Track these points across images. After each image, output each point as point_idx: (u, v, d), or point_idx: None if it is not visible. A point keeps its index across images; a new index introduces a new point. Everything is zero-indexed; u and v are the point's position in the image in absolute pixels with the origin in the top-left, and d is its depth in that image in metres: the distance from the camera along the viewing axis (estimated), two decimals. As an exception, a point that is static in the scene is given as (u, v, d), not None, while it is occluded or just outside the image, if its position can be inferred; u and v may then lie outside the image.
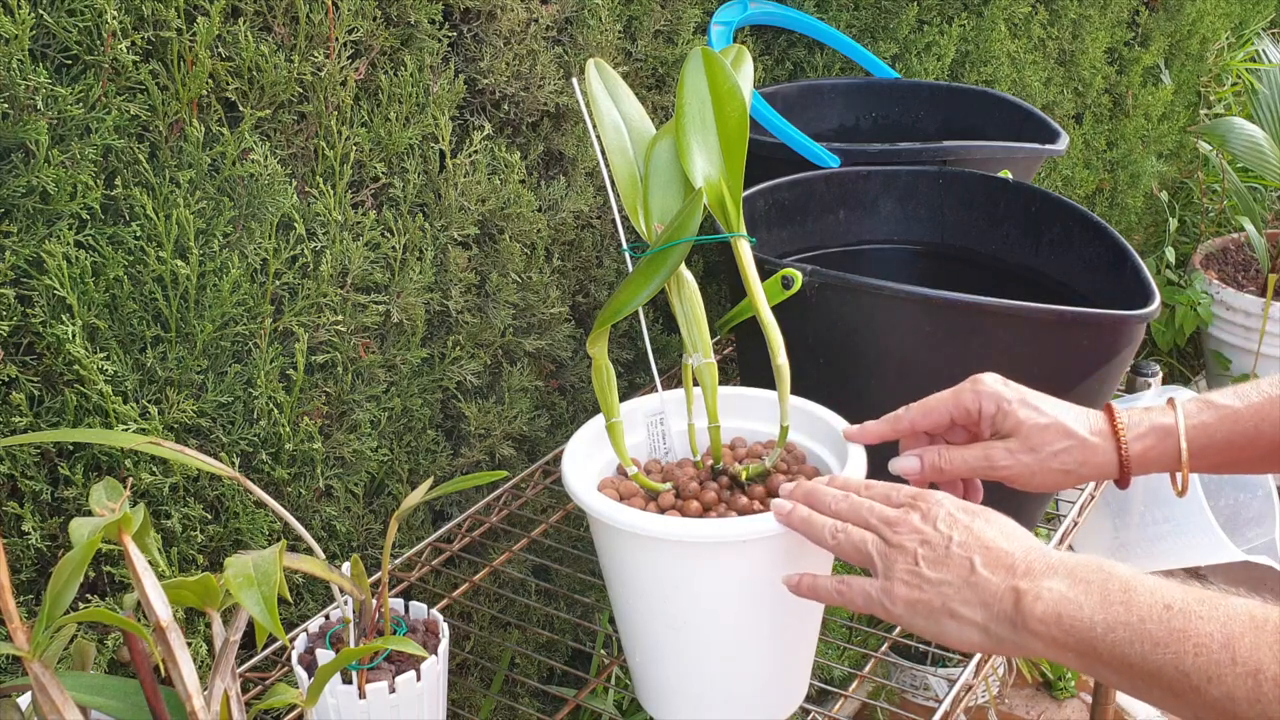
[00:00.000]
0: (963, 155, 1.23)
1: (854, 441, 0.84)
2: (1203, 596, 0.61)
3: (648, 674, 0.84)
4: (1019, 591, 0.64)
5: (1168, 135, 2.72)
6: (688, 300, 0.83)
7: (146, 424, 0.88)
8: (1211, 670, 0.58)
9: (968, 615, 0.66)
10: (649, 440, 0.91)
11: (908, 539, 0.69)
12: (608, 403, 0.83)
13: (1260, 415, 0.78)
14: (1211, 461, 0.79)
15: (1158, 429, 0.80)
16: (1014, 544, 0.67)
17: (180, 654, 0.60)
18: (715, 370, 0.84)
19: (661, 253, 0.79)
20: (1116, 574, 0.63)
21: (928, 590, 0.67)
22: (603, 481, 0.86)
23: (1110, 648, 0.61)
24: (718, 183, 0.82)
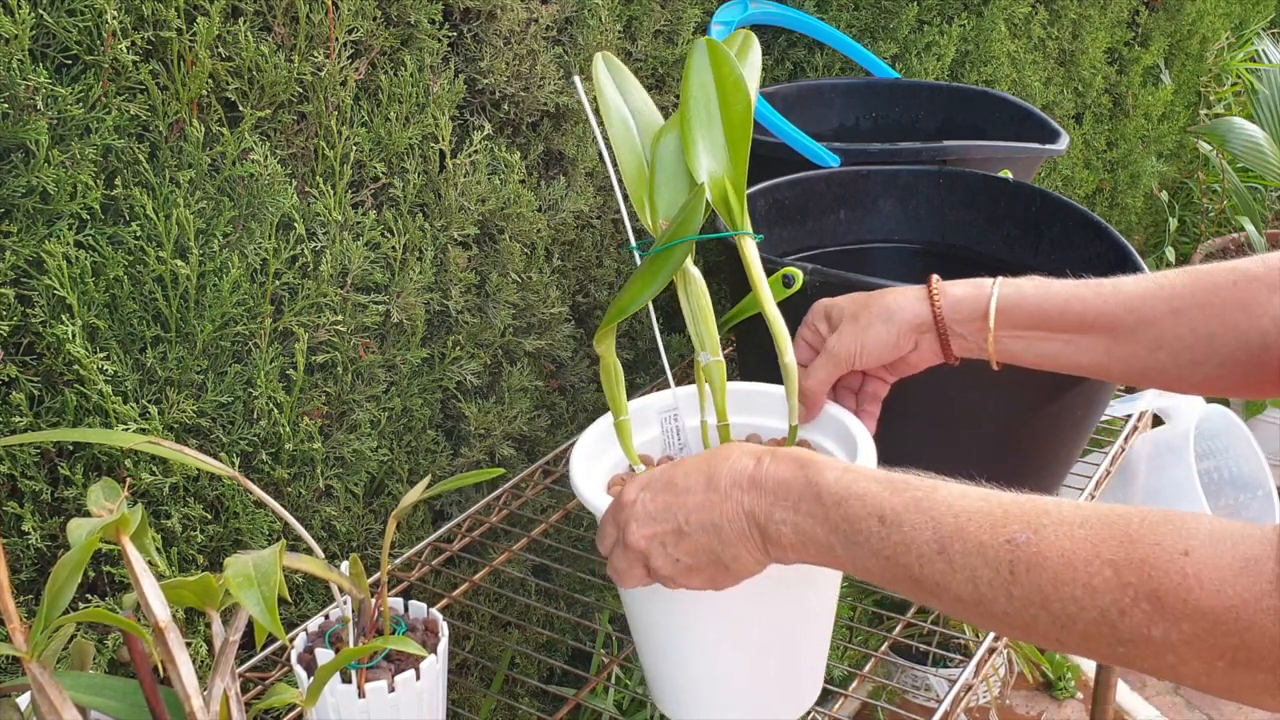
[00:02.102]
0: (963, 155, 1.23)
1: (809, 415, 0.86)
2: (911, 499, 0.63)
3: (660, 674, 0.84)
4: (761, 527, 0.68)
5: (1168, 135, 2.72)
6: (695, 297, 0.83)
7: (146, 424, 0.88)
8: (938, 578, 0.61)
9: (745, 559, 0.70)
10: (663, 436, 0.90)
11: (650, 548, 0.72)
12: (616, 400, 0.83)
13: (1071, 293, 0.80)
14: (1021, 323, 0.81)
15: (974, 283, 0.83)
16: (723, 484, 0.70)
17: (179, 654, 0.60)
18: (724, 367, 0.83)
19: (665, 250, 0.79)
20: (825, 489, 0.66)
21: (705, 569, 0.71)
22: (612, 479, 0.86)
23: (852, 563, 0.65)
24: (721, 179, 0.81)
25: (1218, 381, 0.77)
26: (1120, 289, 0.79)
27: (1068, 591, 0.56)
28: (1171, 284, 0.77)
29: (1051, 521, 0.58)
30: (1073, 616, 0.57)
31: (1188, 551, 0.54)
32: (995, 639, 0.94)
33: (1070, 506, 0.59)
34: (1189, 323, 0.76)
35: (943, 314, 0.82)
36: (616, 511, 0.74)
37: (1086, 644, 0.57)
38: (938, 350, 0.84)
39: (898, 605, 1.10)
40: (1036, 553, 0.58)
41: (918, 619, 1.07)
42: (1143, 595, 0.54)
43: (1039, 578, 0.57)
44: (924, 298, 0.84)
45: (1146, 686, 2.12)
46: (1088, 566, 0.56)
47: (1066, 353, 0.81)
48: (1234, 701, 0.57)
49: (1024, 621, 0.59)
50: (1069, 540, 0.57)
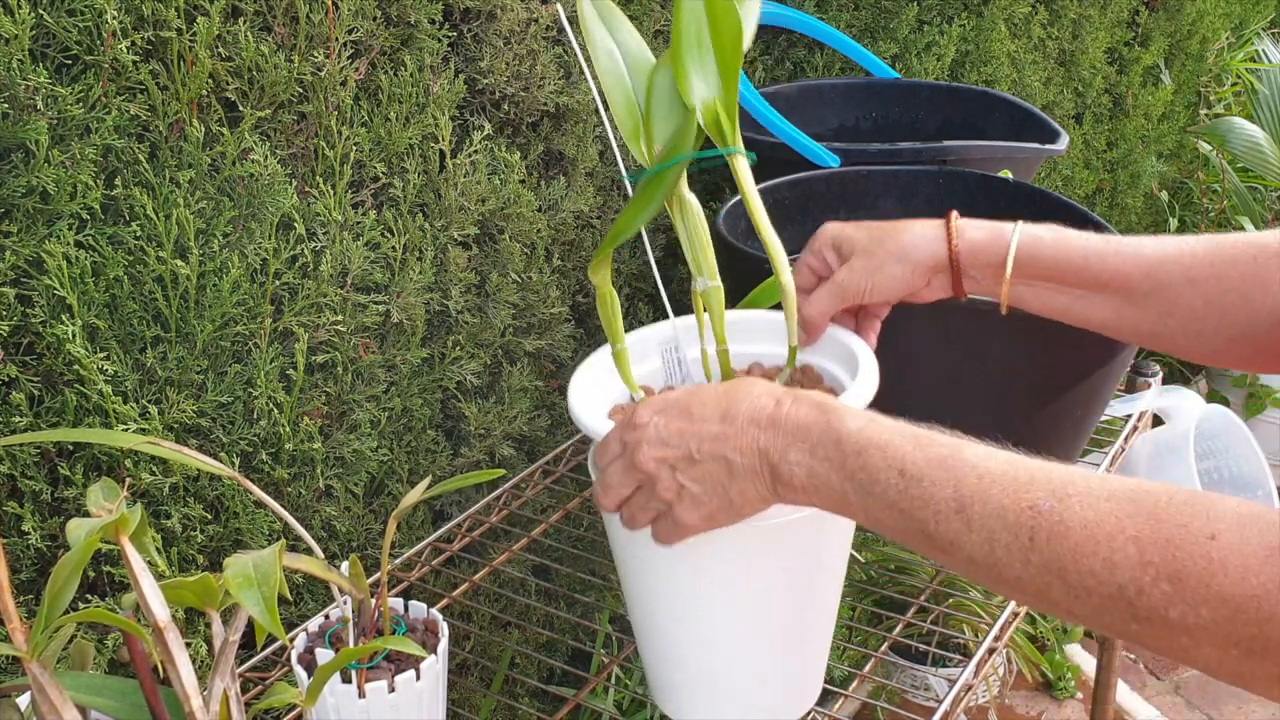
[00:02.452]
0: (963, 155, 1.23)
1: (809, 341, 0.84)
2: (935, 456, 0.62)
3: (660, 673, 0.84)
4: (774, 466, 0.67)
5: (1168, 135, 2.72)
6: (691, 223, 0.81)
7: (146, 424, 0.88)
8: (952, 537, 0.60)
9: (751, 496, 0.69)
10: (664, 368, 0.89)
11: (659, 471, 0.71)
12: (613, 329, 0.82)
13: (1090, 249, 0.79)
14: (1037, 273, 0.80)
15: (993, 226, 0.82)
16: (740, 418, 0.68)
17: (179, 654, 0.60)
18: (721, 293, 0.82)
19: (659, 174, 0.78)
20: (846, 436, 0.65)
21: (709, 499, 0.70)
22: (612, 409, 0.84)
23: (865, 512, 0.64)
24: (713, 103, 0.80)
25: (1224, 354, 0.76)
26: (1140, 251, 0.78)
27: (1087, 564, 0.55)
28: (1191, 251, 0.76)
29: (1077, 491, 0.57)
30: (1089, 589, 0.56)
31: (1214, 535, 0.53)
32: (995, 639, 0.94)
33: (1098, 479, 0.58)
34: (1204, 294, 0.75)
35: (960, 258, 0.81)
36: (627, 430, 0.72)
37: (1099, 617, 0.56)
38: (949, 288, 0.83)
39: (897, 606, 1.10)
40: (1059, 521, 0.56)
41: (917, 619, 1.07)
42: (1164, 576, 0.53)
43: (1059, 547, 0.56)
44: (941, 238, 0.82)
45: (1146, 687, 2.12)
46: (1110, 541, 0.55)
47: (1077, 307, 0.80)
48: (1240, 688, 0.55)
49: (1037, 589, 0.58)
50: (1093, 512, 0.56)
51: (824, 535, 0.79)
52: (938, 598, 1.22)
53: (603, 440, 0.75)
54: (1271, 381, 2.59)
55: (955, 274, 0.82)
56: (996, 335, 0.93)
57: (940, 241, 0.82)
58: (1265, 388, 2.59)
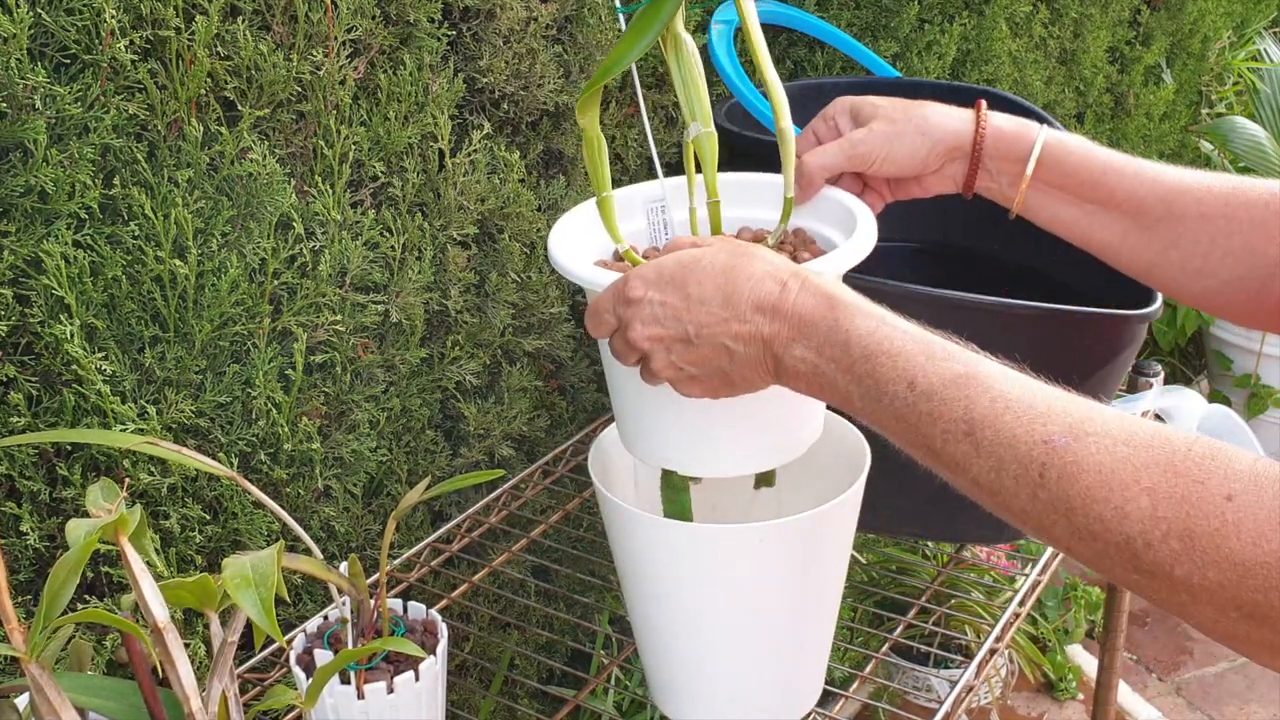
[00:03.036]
0: (964, 154, 1.22)
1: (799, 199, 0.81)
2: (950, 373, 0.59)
3: (660, 674, 0.84)
4: (777, 359, 0.65)
5: (1169, 134, 2.71)
6: (685, 62, 0.77)
7: (145, 424, 0.88)
8: (959, 459, 0.58)
9: (755, 380, 0.68)
10: (649, 229, 0.84)
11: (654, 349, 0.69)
12: (599, 175, 0.77)
13: (1111, 166, 0.78)
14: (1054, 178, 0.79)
15: (1022, 122, 0.81)
16: (743, 302, 0.66)
17: (178, 655, 0.59)
18: (715, 140, 0.77)
19: (654, 4, 0.73)
20: (855, 338, 0.62)
21: (709, 379, 0.68)
22: (595, 264, 0.79)
23: (868, 414, 0.63)
24: None
25: (1216, 298, 0.75)
26: (1160, 176, 0.77)
27: (1096, 510, 0.54)
28: (1209, 187, 0.75)
29: (1094, 430, 0.55)
30: (1095, 534, 0.54)
31: (1231, 496, 0.51)
32: (997, 640, 0.94)
33: (1115, 417, 0.56)
34: (1210, 231, 0.74)
35: (984, 143, 0.79)
36: (618, 303, 0.69)
37: (1101, 561, 0.55)
38: (960, 180, 0.81)
39: (898, 606, 1.10)
40: (1073, 461, 0.54)
41: (919, 620, 1.06)
42: (1175, 533, 0.52)
43: (1069, 488, 0.54)
44: (969, 120, 0.80)
45: (1148, 688, 2.12)
46: (1124, 490, 0.53)
47: (1084, 223, 0.79)
48: (1231, 649, 0.54)
49: (1041, 524, 0.56)
50: (1109, 456, 0.54)
51: (824, 536, 0.79)
52: (939, 599, 1.22)
53: (594, 310, 0.71)
54: (1273, 382, 2.59)
55: (974, 161, 0.80)
56: (997, 335, 0.93)
57: (967, 123, 0.80)
58: (1267, 388, 2.59)
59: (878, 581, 1.49)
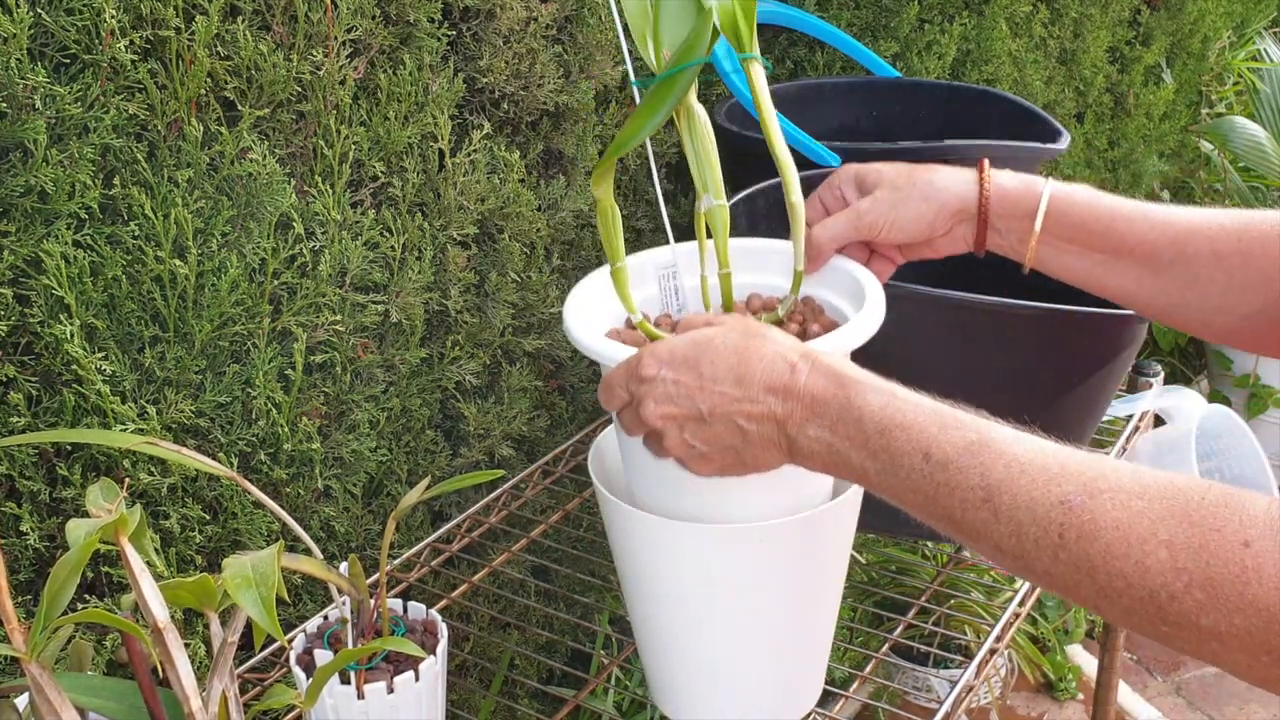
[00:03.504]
0: (964, 154, 1.22)
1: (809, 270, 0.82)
2: (962, 441, 0.60)
3: (660, 674, 0.84)
4: (791, 440, 0.66)
5: (1169, 134, 2.71)
6: (698, 135, 0.78)
7: (145, 424, 0.88)
8: (979, 526, 0.59)
9: (765, 458, 0.68)
10: (660, 295, 0.86)
11: (666, 428, 0.69)
12: (613, 247, 0.78)
13: (1118, 213, 0.78)
14: (1063, 231, 0.78)
15: (1025, 178, 0.80)
16: (755, 383, 0.66)
17: (178, 655, 0.59)
18: (727, 212, 0.79)
19: (670, 79, 0.74)
20: (868, 414, 0.63)
21: (720, 458, 0.69)
22: (608, 333, 0.81)
23: (885, 490, 0.63)
24: (730, 4, 0.77)
25: (1237, 332, 0.75)
26: (1169, 219, 0.77)
27: (1118, 566, 0.54)
28: (1220, 225, 0.75)
29: (1109, 487, 0.55)
30: (1119, 591, 0.54)
31: (1248, 542, 0.51)
32: (997, 640, 0.94)
33: (1129, 472, 0.56)
34: (1227, 268, 0.74)
35: (989, 202, 0.79)
36: (632, 380, 0.70)
37: (1128, 617, 0.55)
38: (970, 240, 0.81)
39: (898, 606, 1.10)
40: (1090, 519, 0.55)
41: (919, 620, 1.06)
42: (1197, 583, 0.52)
43: (1089, 547, 0.55)
44: (973, 181, 0.80)
45: (1148, 688, 2.12)
46: (1143, 544, 0.53)
47: (1097, 273, 0.78)
48: (1270, 692, 0.54)
49: (1066, 584, 0.56)
50: (1125, 511, 0.54)
51: (824, 536, 0.79)
52: (939, 599, 1.22)
53: (607, 384, 0.72)
54: (1273, 382, 2.59)
55: (981, 222, 0.80)
56: (997, 335, 0.93)
57: (971, 185, 0.80)
58: (1267, 388, 2.59)
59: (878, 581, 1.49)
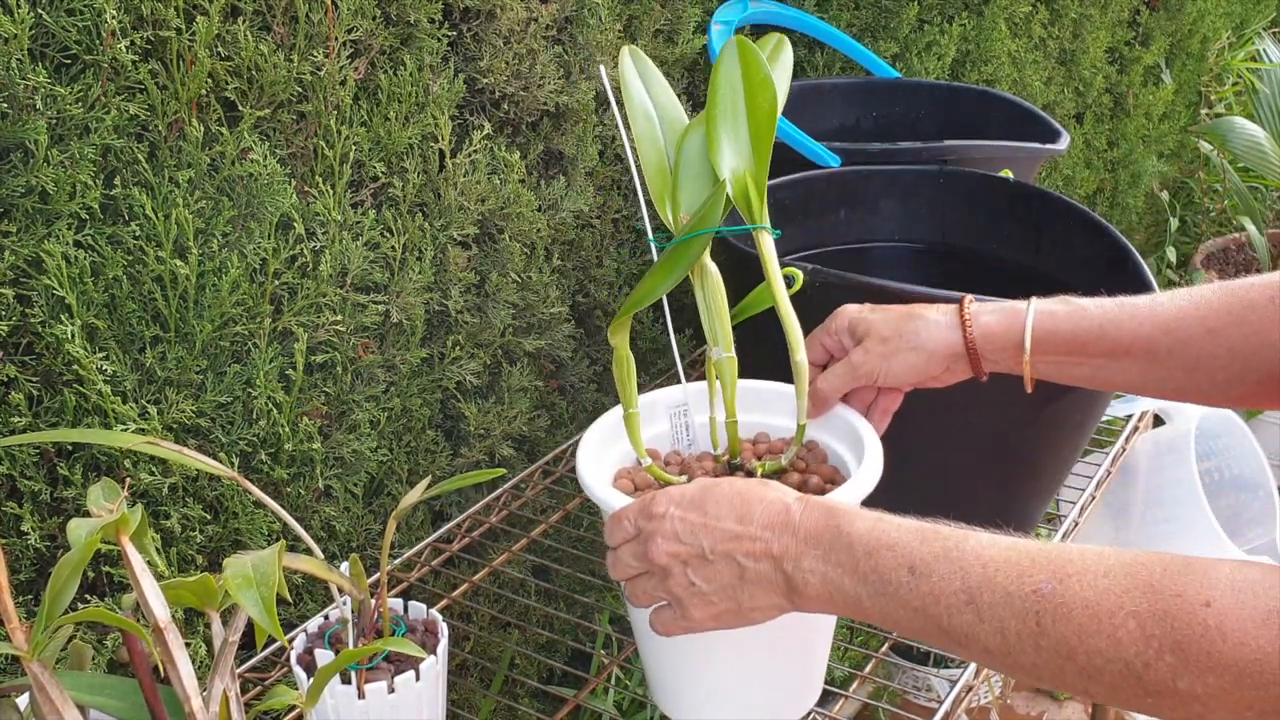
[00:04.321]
0: (963, 154, 1.23)
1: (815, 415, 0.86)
2: (941, 549, 0.63)
3: (660, 674, 0.84)
4: (788, 576, 0.68)
5: (1169, 135, 2.71)
6: (711, 292, 0.83)
7: (145, 424, 0.88)
8: (966, 630, 0.61)
9: (763, 603, 0.70)
10: (672, 431, 0.91)
11: (671, 565, 0.72)
12: (627, 393, 0.83)
13: (1106, 316, 0.79)
14: (1056, 349, 0.80)
15: (1006, 309, 0.82)
16: (754, 522, 0.69)
17: (178, 654, 0.60)
18: (735, 364, 0.84)
19: (685, 243, 0.80)
20: (857, 539, 0.66)
21: (719, 602, 0.71)
22: (619, 472, 0.86)
23: (880, 614, 0.65)
24: (743, 175, 0.82)
25: (1255, 396, 0.76)
26: (1156, 310, 0.78)
27: (1093, 643, 0.56)
28: (1207, 302, 0.76)
29: (1076, 570, 0.58)
30: (1099, 669, 0.57)
31: (1209, 603, 0.54)
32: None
33: (1095, 554, 0.59)
34: (1226, 342, 0.75)
35: (975, 343, 0.82)
36: (643, 517, 0.73)
37: (1115, 695, 0.57)
38: (969, 372, 0.84)
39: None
40: (1062, 603, 0.58)
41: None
42: (1166, 648, 0.54)
43: (1064, 629, 0.57)
44: (956, 325, 0.83)
45: (1147, 687, 2.12)
46: (1111, 618, 0.56)
47: (1101, 376, 0.80)
48: None
49: (1052, 672, 0.59)
50: (1093, 591, 0.57)
51: None
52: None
53: (616, 517, 0.75)
54: (1272, 381, 2.58)
55: (974, 362, 0.82)
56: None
57: (954, 329, 0.83)
58: (1266, 388, 2.59)
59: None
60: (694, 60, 1.42)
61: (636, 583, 0.74)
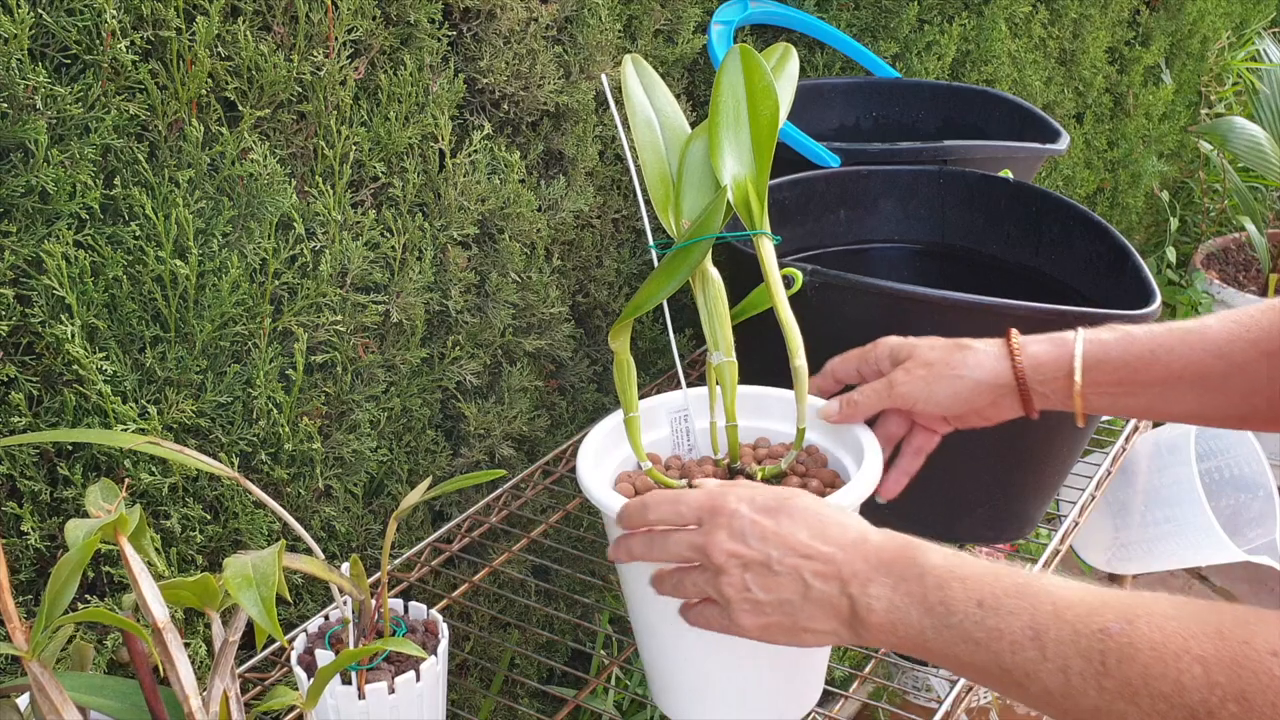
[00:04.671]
0: (963, 155, 1.23)
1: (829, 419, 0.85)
2: (1012, 585, 0.62)
3: (660, 674, 0.84)
4: (853, 600, 0.67)
5: (1169, 135, 2.71)
6: (712, 297, 0.84)
7: (145, 424, 0.88)
8: (1028, 667, 0.60)
9: (819, 627, 0.68)
10: (672, 436, 0.91)
11: (729, 565, 0.69)
12: (628, 397, 0.84)
13: (1156, 342, 0.77)
14: (1107, 379, 0.78)
15: (1054, 339, 0.80)
16: (829, 543, 0.68)
17: (178, 654, 0.60)
18: (735, 369, 0.84)
19: (686, 249, 0.81)
20: (930, 570, 0.65)
21: (772, 613, 0.69)
22: (619, 476, 0.86)
23: (941, 648, 0.64)
24: (744, 182, 0.83)
25: None
26: (1206, 334, 0.76)
27: (1157, 687, 0.55)
28: (1257, 323, 0.74)
29: (1145, 612, 0.57)
30: (1162, 714, 0.56)
31: (1276, 652, 0.53)
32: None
33: (1167, 599, 0.58)
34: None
35: (1025, 374, 0.80)
36: (705, 509, 0.71)
37: None
38: (1018, 407, 0.82)
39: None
40: (1128, 643, 0.57)
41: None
42: (1230, 696, 0.53)
43: (1129, 670, 0.56)
44: (1004, 355, 0.81)
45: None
46: (1177, 661, 0.55)
47: (1156, 405, 0.78)
48: None
49: (1113, 717, 0.58)
50: (1160, 633, 0.56)
51: None
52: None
53: (673, 499, 0.73)
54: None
55: (1023, 393, 0.80)
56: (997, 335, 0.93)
57: (1003, 359, 0.81)
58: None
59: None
60: (694, 60, 1.42)
61: (685, 574, 0.72)
